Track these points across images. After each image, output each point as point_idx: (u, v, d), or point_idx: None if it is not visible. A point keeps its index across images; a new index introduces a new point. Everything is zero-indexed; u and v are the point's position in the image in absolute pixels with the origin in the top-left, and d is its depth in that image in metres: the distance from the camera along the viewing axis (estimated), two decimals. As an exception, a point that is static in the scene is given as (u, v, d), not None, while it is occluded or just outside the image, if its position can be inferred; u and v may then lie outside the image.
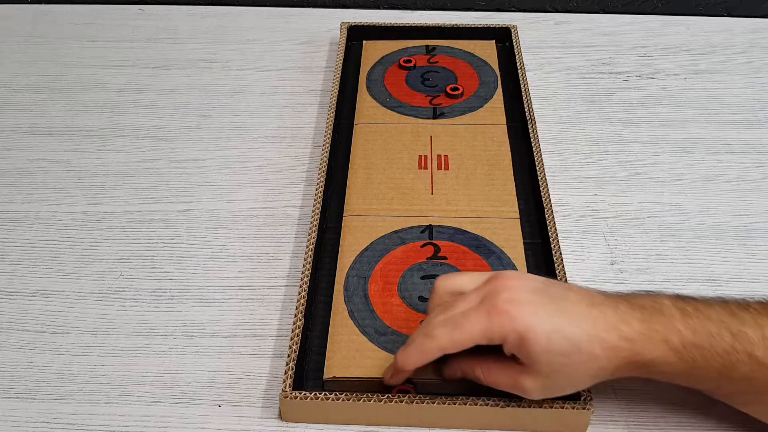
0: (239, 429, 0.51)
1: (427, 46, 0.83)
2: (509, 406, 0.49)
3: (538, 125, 0.72)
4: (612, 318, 0.45)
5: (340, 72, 0.78)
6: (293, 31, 0.91)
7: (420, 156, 0.68)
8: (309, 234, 0.61)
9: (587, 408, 0.49)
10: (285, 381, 0.50)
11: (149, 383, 0.54)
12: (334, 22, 0.89)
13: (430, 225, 0.62)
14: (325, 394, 0.50)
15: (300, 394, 0.50)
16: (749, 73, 0.84)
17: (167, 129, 0.76)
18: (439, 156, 0.68)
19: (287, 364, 0.51)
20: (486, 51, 0.82)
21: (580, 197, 0.68)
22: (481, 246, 0.60)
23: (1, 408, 0.52)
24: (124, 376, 0.54)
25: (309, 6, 0.96)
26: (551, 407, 0.49)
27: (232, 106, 0.79)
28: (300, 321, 0.54)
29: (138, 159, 0.73)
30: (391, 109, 0.74)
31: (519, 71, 0.77)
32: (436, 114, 0.73)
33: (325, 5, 0.96)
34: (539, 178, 0.65)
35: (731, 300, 0.47)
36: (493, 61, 0.80)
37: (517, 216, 0.62)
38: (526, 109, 0.73)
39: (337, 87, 0.75)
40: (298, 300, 0.55)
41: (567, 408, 0.49)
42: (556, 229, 0.61)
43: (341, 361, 0.52)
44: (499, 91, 0.76)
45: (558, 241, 0.60)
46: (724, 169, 0.71)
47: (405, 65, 0.79)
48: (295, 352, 0.52)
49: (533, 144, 0.69)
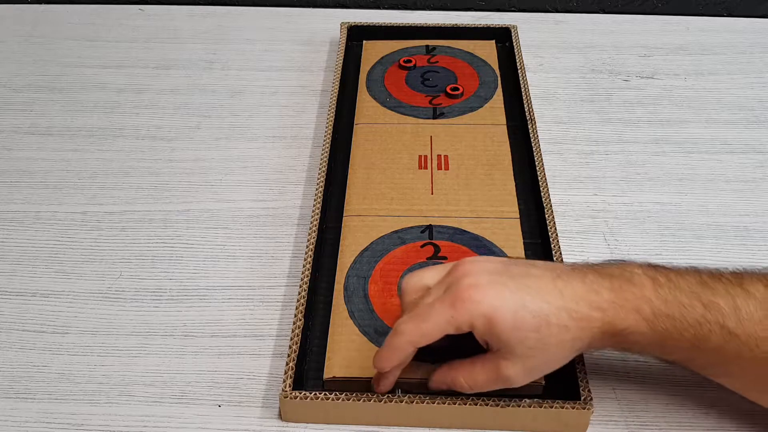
0: (239, 429, 0.51)
1: (427, 46, 0.83)
2: (509, 406, 0.49)
3: (538, 125, 0.72)
4: (580, 289, 0.45)
5: (340, 72, 0.78)
6: (293, 31, 0.91)
7: (420, 156, 0.68)
8: (309, 234, 0.61)
9: (587, 408, 0.49)
10: (285, 381, 0.50)
11: (149, 383, 0.54)
12: (334, 22, 0.89)
13: (430, 225, 0.62)
14: (325, 394, 0.50)
15: (300, 394, 0.50)
16: (749, 73, 0.84)
17: (167, 129, 0.76)
18: (439, 156, 0.68)
19: (287, 364, 0.51)
20: (486, 51, 0.82)
21: (580, 197, 0.68)
22: (481, 246, 0.60)
23: (1, 408, 0.52)
24: (124, 376, 0.54)
25: (309, 6, 0.96)
26: (551, 407, 0.49)
27: (232, 106, 0.79)
28: (300, 321, 0.54)
29: (138, 159, 0.73)
30: (391, 109, 0.74)
31: (519, 71, 0.77)
32: (436, 114, 0.73)
33: (325, 5, 0.96)
34: (539, 178, 0.65)
35: (704, 270, 0.46)
36: (493, 61, 0.80)
37: (517, 216, 0.62)
38: (526, 109, 0.73)
39: (337, 87, 0.75)
40: (298, 300, 0.55)
41: (567, 408, 0.49)
42: (556, 229, 0.61)
43: (341, 361, 0.52)
44: (499, 91, 0.76)
45: (558, 241, 0.60)
46: (724, 169, 0.71)
47: (405, 65, 0.79)
48: (295, 352, 0.52)
49: (533, 144, 0.69)
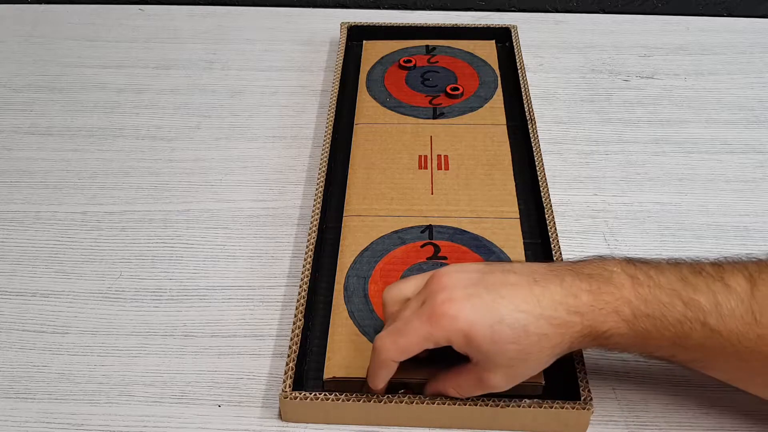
0: (239, 429, 0.51)
1: (427, 46, 0.83)
2: (509, 406, 0.49)
3: (538, 125, 0.72)
4: (557, 294, 0.44)
5: (340, 72, 0.78)
6: (293, 31, 0.91)
7: (420, 156, 0.68)
8: (309, 234, 0.61)
9: (587, 408, 0.49)
10: (285, 381, 0.50)
11: (149, 383, 0.54)
12: (334, 22, 0.89)
13: (430, 225, 0.62)
14: (325, 394, 0.50)
15: (300, 394, 0.50)
16: (749, 73, 0.84)
17: (167, 129, 0.76)
18: (439, 156, 0.68)
19: (287, 364, 0.51)
20: (486, 51, 0.82)
21: (580, 197, 0.68)
22: (481, 246, 0.60)
23: (1, 408, 0.52)
24: (124, 376, 0.54)
25: (309, 6, 0.96)
26: (551, 407, 0.49)
27: (232, 106, 0.79)
28: (300, 321, 0.54)
29: (138, 159, 0.73)
30: (391, 109, 0.74)
31: (519, 71, 0.77)
32: (436, 114, 0.73)
33: (325, 5, 0.96)
34: (539, 178, 0.65)
35: (684, 263, 0.46)
36: (493, 61, 0.80)
37: (517, 216, 0.62)
38: (526, 109, 0.73)
39: (337, 87, 0.75)
40: (298, 300, 0.55)
41: (567, 408, 0.49)
42: (556, 229, 0.61)
43: (341, 361, 0.52)
44: (499, 91, 0.76)
45: (558, 241, 0.60)
46: (724, 169, 0.71)
47: (405, 65, 0.79)
48: (295, 352, 0.52)
49: (533, 144, 0.69)
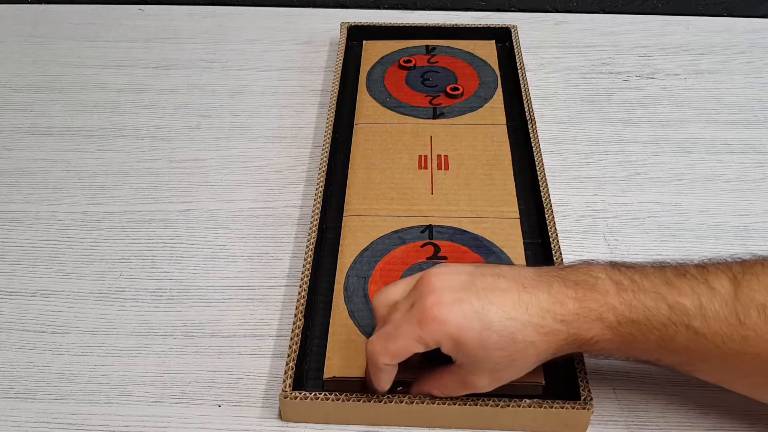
0: (239, 429, 0.51)
1: (427, 46, 0.83)
2: (509, 406, 0.49)
3: (538, 125, 0.72)
4: (545, 301, 0.45)
5: (340, 72, 0.78)
6: (293, 31, 0.91)
7: (420, 156, 0.68)
8: (309, 234, 0.61)
9: (587, 408, 0.49)
10: (285, 381, 0.50)
11: (149, 383, 0.54)
12: (334, 22, 0.89)
13: (430, 225, 0.62)
14: (325, 394, 0.50)
15: (300, 394, 0.50)
16: (749, 73, 0.84)
17: (167, 129, 0.76)
18: (439, 156, 0.68)
19: (287, 364, 0.51)
20: (486, 51, 0.82)
21: (580, 197, 0.68)
22: (481, 246, 0.60)
23: (1, 408, 0.52)
24: (124, 376, 0.54)
25: (309, 6, 0.96)
26: (551, 407, 0.49)
27: (232, 106, 0.79)
28: (300, 321, 0.54)
29: (138, 159, 0.73)
30: (391, 109, 0.74)
31: (519, 71, 0.77)
32: (436, 114, 0.73)
33: (325, 5, 0.96)
34: (539, 178, 0.65)
35: (668, 266, 0.46)
36: (493, 61, 0.80)
37: (517, 216, 0.62)
38: (526, 109, 0.73)
39: (337, 87, 0.75)
40: (298, 300, 0.55)
41: (567, 408, 0.49)
42: (556, 229, 0.61)
43: (341, 361, 0.52)
44: (499, 91, 0.76)
45: (558, 241, 0.60)
46: (724, 169, 0.71)
47: (405, 65, 0.79)
48: (295, 352, 0.52)
49: (533, 144, 0.69)
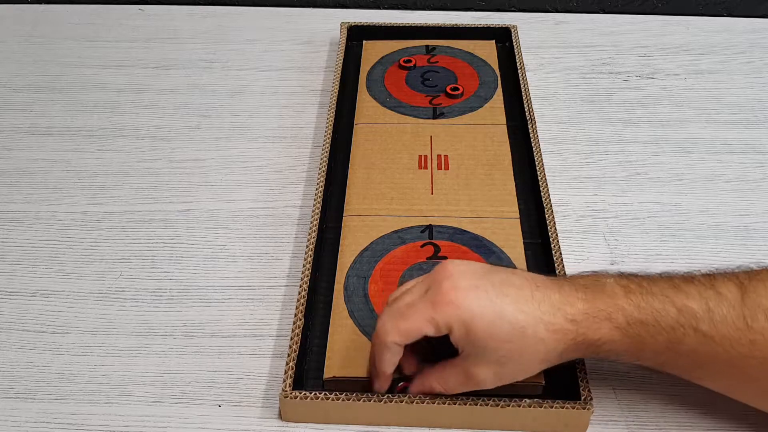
0: (239, 429, 0.51)
1: (427, 46, 0.83)
2: (509, 406, 0.49)
3: (538, 125, 0.72)
4: (556, 300, 0.45)
5: (340, 72, 0.78)
6: (293, 31, 0.91)
7: (420, 156, 0.68)
8: (309, 234, 0.61)
9: (587, 408, 0.49)
10: (285, 381, 0.50)
11: (149, 383, 0.54)
12: (334, 22, 0.89)
13: (430, 225, 0.62)
14: (325, 394, 0.50)
15: (300, 394, 0.50)
16: (749, 73, 0.84)
17: (167, 129, 0.76)
18: (439, 156, 0.68)
19: (287, 364, 0.51)
20: (486, 51, 0.82)
21: (580, 197, 0.68)
22: (481, 246, 0.60)
23: (1, 408, 0.52)
24: (124, 376, 0.54)
25: (309, 6, 0.96)
26: (551, 407, 0.49)
27: (232, 106, 0.79)
28: (300, 321, 0.54)
29: (138, 159, 0.73)
30: (391, 109, 0.74)
31: (519, 71, 0.77)
32: (436, 114, 0.73)
33: (325, 5, 0.96)
34: (539, 178, 0.65)
35: (676, 274, 0.47)
36: (493, 61, 0.80)
37: (517, 216, 0.62)
38: (526, 109, 0.73)
39: (337, 87, 0.75)
40: (298, 300, 0.55)
41: (567, 408, 0.49)
42: (556, 229, 0.61)
43: (341, 361, 0.52)
44: (499, 91, 0.76)
45: (558, 241, 0.60)
46: (724, 169, 0.71)
47: (405, 65, 0.79)
48: (295, 352, 0.52)
49: (533, 144, 0.69)
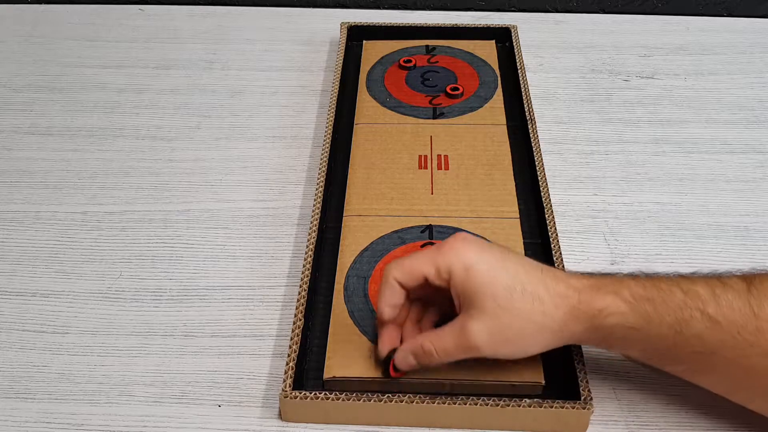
0: (239, 429, 0.51)
1: (427, 46, 0.83)
2: (509, 406, 0.49)
3: (538, 125, 0.72)
4: (561, 274, 0.47)
5: (340, 72, 0.78)
6: (293, 31, 0.91)
7: (420, 156, 0.68)
8: (309, 234, 0.61)
9: (587, 408, 0.49)
10: (285, 381, 0.50)
11: (149, 383, 0.54)
12: (334, 22, 0.89)
13: (430, 225, 0.62)
14: (325, 394, 0.50)
15: (300, 393, 0.50)
16: (749, 73, 0.84)
17: (167, 129, 0.76)
18: (439, 156, 0.68)
19: (287, 364, 0.51)
20: (486, 51, 0.82)
21: (580, 197, 0.68)
22: (481, 246, 0.60)
23: (1, 408, 0.52)
24: (124, 376, 0.54)
25: (309, 6, 0.96)
26: (551, 407, 0.49)
27: (232, 106, 0.79)
28: (300, 321, 0.54)
29: (138, 159, 0.73)
30: (391, 109, 0.74)
31: (519, 71, 0.77)
32: (436, 114, 0.73)
33: (325, 5, 0.96)
34: (539, 178, 0.65)
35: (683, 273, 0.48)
36: (493, 61, 0.80)
37: (517, 216, 0.62)
38: (526, 109, 0.73)
39: (337, 87, 0.75)
40: (298, 300, 0.55)
41: (567, 408, 0.49)
42: (556, 229, 0.61)
43: (341, 361, 0.52)
44: (499, 91, 0.76)
45: (558, 241, 0.60)
46: (724, 169, 0.71)
47: (405, 65, 0.79)
48: (295, 352, 0.52)
49: (533, 144, 0.69)
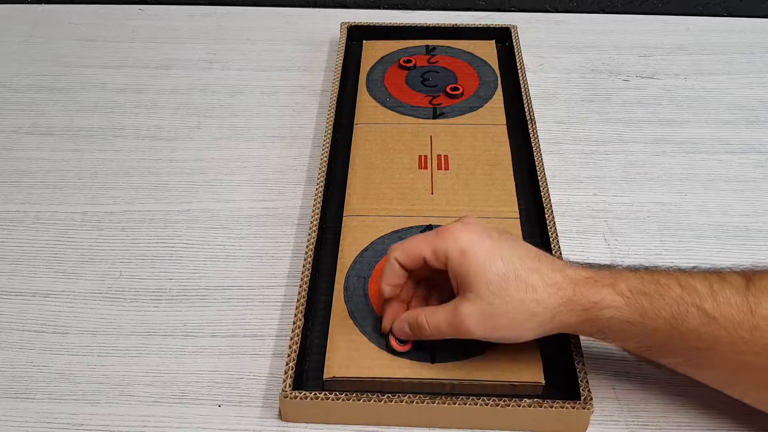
0: (239, 429, 0.51)
1: (427, 46, 0.83)
2: (509, 406, 0.49)
3: (538, 125, 0.72)
4: (558, 263, 0.47)
5: (340, 72, 0.78)
6: (293, 31, 0.91)
7: (420, 156, 0.68)
8: (309, 234, 0.61)
9: (587, 408, 0.49)
10: (285, 381, 0.50)
11: (149, 383, 0.54)
12: (334, 22, 0.89)
13: (430, 225, 0.62)
14: (325, 394, 0.50)
15: (300, 394, 0.50)
16: (749, 73, 0.84)
17: (167, 129, 0.76)
18: (439, 156, 0.68)
19: (287, 364, 0.51)
20: (486, 51, 0.82)
21: (580, 197, 0.68)
22: (481, 246, 0.60)
23: (1, 408, 0.52)
24: (124, 376, 0.54)
25: (309, 6, 0.96)
26: (551, 407, 0.49)
27: (232, 106, 0.79)
28: (300, 321, 0.54)
29: (138, 159, 0.73)
30: (391, 109, 0.74)
31: (519, 71, 0.77)
32: (436, 114, 0.73)
33: (325, 5, 0.96)
34: (539, 178, 0.65)
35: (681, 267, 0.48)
36: (493, 61, 0.80)
37: (517, 216, 0.62)
38: (526, 109, 0.73)
39: (337, 87, 0.75)
40: (298, 300, 0.55)
41: (567, 408, 0.49)
42: (556, 229, 0.61)
43: (341, 361, 0.52)
44: (499, 91, 0.76)
45: (558, 241, 0.60)
46: (724, 169, 0.71)
47: (405, 65, 0.79)
48: (295, 352, 0.52)
49: (533, 144, 0.69)
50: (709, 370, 0.47)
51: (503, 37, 0.84)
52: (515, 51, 0.81)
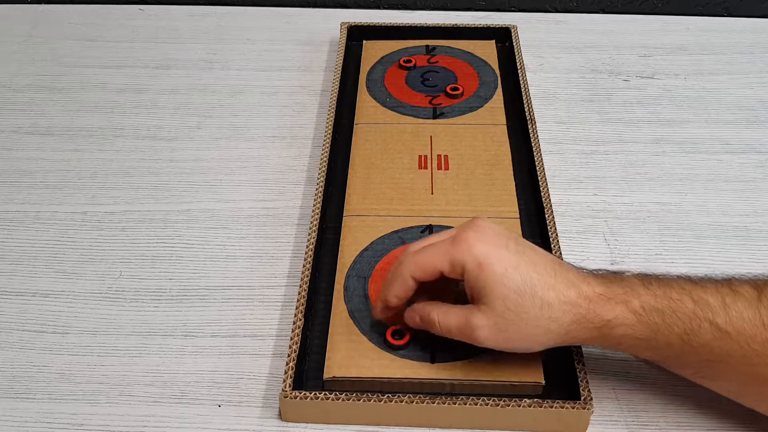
0: (239, 429, 0.51)
1: (427, 46, 0.83)
2: (509, 406, 0.49)
3: (538, 125, 0.72)
4: (574, 277, 0.46)
5: (340, 72, 0.78)
6: (293, 31, 0.91)
7: (420, 156, 0.68)
8: (309, 234, 0.61)
9: (587, 408, 0.49)
10: (285, 381, 0.50)
11: (149, 383, 0.54)
12: (334, 22, 0.89)
13: (430, 225, 0.62)
14: (325, 394, 0.50)
15: (300, 394, 0.50)
16: (749, 73, 0.84)
17: (167, 129, 0.76)
18: (439, 156, 0.68)
19: (287, 364, 0.51)
20: (486, 51, 0.82)
21: (580, 197, 0.68)
22: (481, 246, 0.60)
23: (1, 408, 0.52)
24: (124, 376, 0.54)
25: (309, 6, 0.96)
26: (551, 407, 0.49)
27: (232, 106, 0.79)
28: (300, 321, 0.54)
29: (138, 159, 0.73)
30: (391, 109, 0.74)
31: (519, 71, 0.77)
32: (436, 114, 0.73)
33: (325, 5, 0.96)
34: (539, 178, 0.65)
35: (694, 275, 0.47)
36: (493, 61, 0.80)
37: (517, 216, 0.62)
38: (526, 109, 0.73)
39: (337, 87, 0.75)
40: (298, 300, 0.55)
41: (567, 408, 0.49)
42: (556, 229, 0.61)
43: (341, 361, 0.52)
44: (499, 91, 0.76)
45: (558, 241, 0.60)
46: (724, 169, 0.71)
47: (405, 65, 0.79)
48: (295, 352, 0.52)
49: (533, 144, 0.69)
50: (721, 381, 0.47)
51: (503, 37, 0.84)
52: (515, 51, 0.81)
